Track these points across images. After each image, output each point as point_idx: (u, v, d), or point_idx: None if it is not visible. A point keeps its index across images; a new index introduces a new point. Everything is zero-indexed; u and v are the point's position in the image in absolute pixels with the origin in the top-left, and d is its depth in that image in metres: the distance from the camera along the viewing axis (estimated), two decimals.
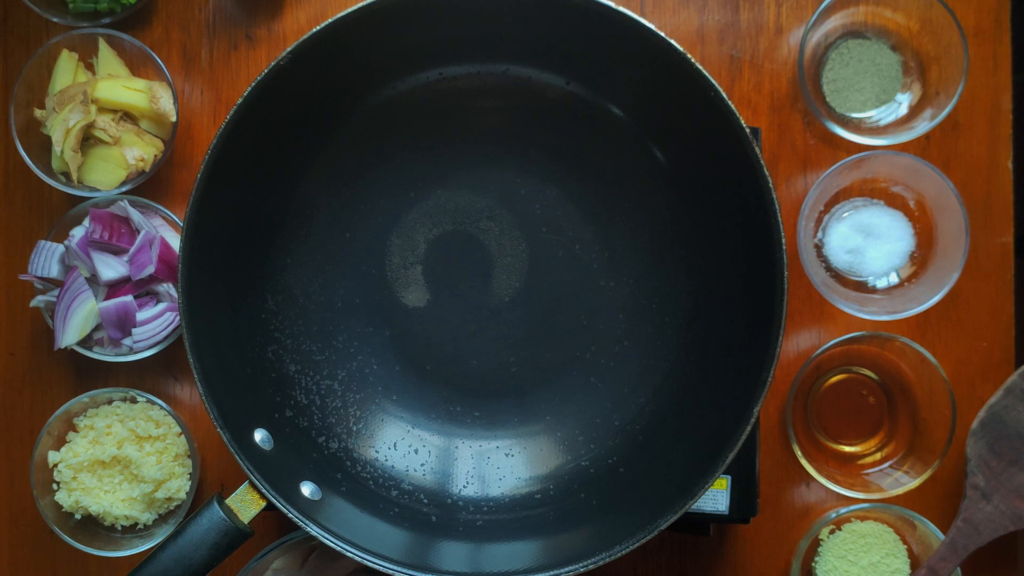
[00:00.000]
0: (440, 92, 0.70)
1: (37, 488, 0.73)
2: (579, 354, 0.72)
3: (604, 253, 0.72)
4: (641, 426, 0.71)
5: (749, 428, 0.60)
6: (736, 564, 0.77)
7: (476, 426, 0.73)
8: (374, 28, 0.62)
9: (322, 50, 0.61)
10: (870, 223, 0.75)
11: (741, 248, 0.65)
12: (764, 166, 0.60)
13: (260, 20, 0.79)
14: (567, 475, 0.71)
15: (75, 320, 0.73)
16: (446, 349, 0.73)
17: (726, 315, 0.67)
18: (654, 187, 0.71)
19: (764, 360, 0.60)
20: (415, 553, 0.65)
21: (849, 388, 0.78)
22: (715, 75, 0.63)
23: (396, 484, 0.71)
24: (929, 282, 0.74)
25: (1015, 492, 0.72)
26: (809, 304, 0.77)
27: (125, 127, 0.76)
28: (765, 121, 0.77)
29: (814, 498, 0.76)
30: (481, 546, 0.67)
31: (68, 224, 0.75)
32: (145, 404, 0.75)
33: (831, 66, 0.77)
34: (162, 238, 0.74)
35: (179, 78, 0.79)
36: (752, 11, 0.77)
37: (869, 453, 0.78)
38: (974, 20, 0.76)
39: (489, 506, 0.70)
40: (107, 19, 0.76)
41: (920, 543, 0.75)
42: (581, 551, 0.61)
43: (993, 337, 0.76)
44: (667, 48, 0.60)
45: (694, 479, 0.60)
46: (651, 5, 0.78)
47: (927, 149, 0.76)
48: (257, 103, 0.61)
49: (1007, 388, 0.73)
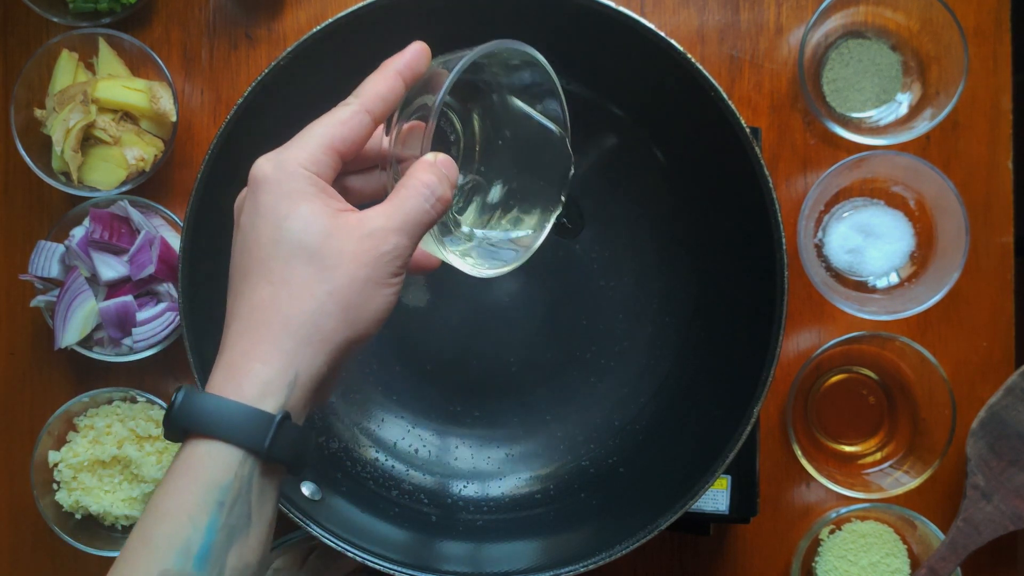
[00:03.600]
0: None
1: (37, 488, 0.73)
2: (579, 354, 0.72)
3: (604, 253, 0.72)
4: (641, 426, 0.71)
5: (749, 428, 0.60)
6: (736, 564, 0.77)
7: (476, 426, 0.73)
8: (374, 28, 0.62)
9: (322, 50, 0.61)
10: (870, 223, 0.75)
11: (741, 248, 0.65)
12: (764, 166, 0.60)
13: (260, 20, 0.79)
14: (567, 475, 0.71)
15: (75, 320, 0.73)
16: (446, 349, 0.73)
17: (726, 315, 0.67)
18: (654, 187, 0.71)
19: (764, 360, 0.60)
20: (415, 553, 0.65)
21: (849, 388, 0.78)
22: (715, 75, 0.62)
23: (396, 484, 0.71)
24: (929, 282, 0.74)
25: (1015, 492, 0.72)
26: (809, 304, 0.77)
27: (125, 127, 0.76)
28: (765, 121, 0.77)
29: (814, 498, 0.76)
30: (481, 546, 0.67)
31: (68, 224, 0.75)
32: (145, 404, 0.75)
33: (831, 66, 0.77)
34: (162, 238, 0.74)
35: (179, 78, 0.79)
36: (752, 11, 0.77)
37: (869, 453, 0.78)
38: (974, 20, 0.76)
39: (489, 506, 0.70)
40: (107, 19, 0.76)
41: (920, 543, 0.75)
42: (581, 551, 0.61)
43: (993, 337, 0.76)
44: (667, 48, 0.60)
45: (694, 479, 0.60)
46: (651, 5, 0.78)
47: (927, 149, 0.76)
48: (257, 103, 0.61)
49: (1007, 388, 0.73)
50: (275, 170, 0.44)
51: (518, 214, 0.52)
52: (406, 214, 0.44)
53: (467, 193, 0.51)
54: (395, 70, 0.46)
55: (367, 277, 0.43)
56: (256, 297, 0.43)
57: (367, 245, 0.43)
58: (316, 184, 0.44)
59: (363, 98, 0.46)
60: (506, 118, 0.51)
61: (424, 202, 0.44)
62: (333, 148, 0.44)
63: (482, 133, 0.51)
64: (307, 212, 0.43)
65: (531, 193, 0.51)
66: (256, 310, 0.43)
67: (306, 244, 0.43)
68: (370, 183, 0.50)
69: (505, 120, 0.51)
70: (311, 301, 0.43)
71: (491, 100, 0.51)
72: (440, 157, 0.45)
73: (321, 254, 0.43)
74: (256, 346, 0.43)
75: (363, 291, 0.43)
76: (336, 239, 0.43)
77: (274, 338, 0.42)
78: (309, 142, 0.44)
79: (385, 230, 0.43)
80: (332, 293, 0.43)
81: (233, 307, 0.44)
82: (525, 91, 0.50)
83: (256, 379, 0.42)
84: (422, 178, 0.44)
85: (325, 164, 0.44)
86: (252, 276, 0.44)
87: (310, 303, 0.43)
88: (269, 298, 0.43)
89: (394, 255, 0.44)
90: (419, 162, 0.45)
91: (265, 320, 0.43)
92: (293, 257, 0.43)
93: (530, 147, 0.51)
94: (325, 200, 0.44)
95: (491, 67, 0.49)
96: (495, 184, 0.52)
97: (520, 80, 0.50)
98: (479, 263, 0.49)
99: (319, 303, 0.43)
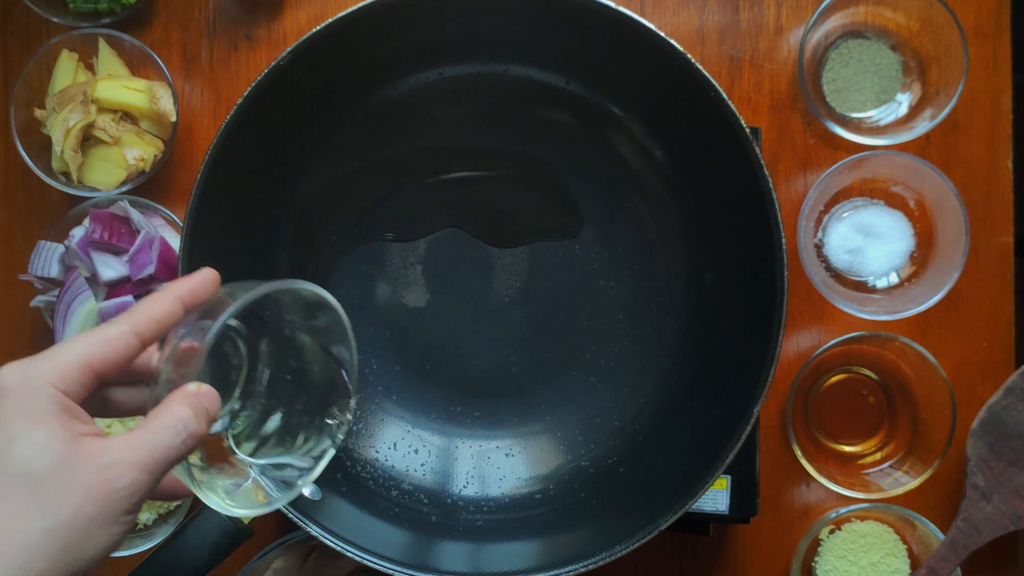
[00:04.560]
0: (441, 92, 0.70)
1: None
2: (579, 354, 0.72)
3: (604, 253, 0.72)
4: (641, 426, 0.71)
5: (749, 428, 0.60)
6: (736, 564, 0.77)
7: (476, 426, 0.73)
8: (374, 28, 0.62)
9: (322, 50, 0.61)
10: (870, 223, 0.75)
11: (741, 248, 0.65)
12: (764, 166, 0.60)
13: (260, 20, 0.79)
14: (567, 475, 0.71)
15: (75, 320, 0.73)
16: (446, 349, 0.73)
17: (726, 315, 0.67)
18: (654, 187, 0.71)
19: (764, 360, 0.60)
20: (415, 553, 0.65)
21: (849, 388, 0.78)
22: (715, 75, 0.62)
23: (396, 484, 0.71)
24: (929, 282, 0.74)
25: (1015, 492, 0.72)
26: (809, 304, 0.77)
27: (125, 127, 0.76)
28: (765, 121, 0.77)
29: (814, 498, 0.76)
30: (481, 546, 0.67)
31: (68, 224, 0.75)
32: None
33: (831, 66, 0.77)
34: (162, 238, 0.74)
35: (179, 78, 0.79)
36: (752, 11, 0.77)
37: (869, 453, 0.78)
38: (974, 20, 0.76)
39: (489, 506, 0.70)
40: (107, 19, 0.76)
41: (920, 543, 0.75)
42: (581, 551, 0.61)
43: (993, 337, 0.76)
44: (667, 48, 0.60)
45: (694, 479, 0.60)
46: (651, 5, 0.78)
47: (927, 149, 0.76)
48: (257, 103, 0.61)
49: (1007, 388, 0.73)
50: (19, 383, 0.40)
51: (291, 447, 0.51)
52: (152, 448, 0.40)
53: (245, 420, 0.50)
54: (176, 295, 0.44)
55: (93, 515, 0.39)
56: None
57: (101, 478, 0.39)
58: (61, 404, 0.40)
59: (135, 320, 0.43)
60: (293, 351, 0.50)
61: (175, 437, 0.41)
62: (91, 367, 0.41)
63: (267, 361, 0.50)
64: (41, 436, 0.39)
65: (310, 428, 0.51)
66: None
67: (32, 471, 0.39)
68: (135, 397, 0.47)
69: (292, 353, 0.50)
70: (23, 537, 0.38)
71: (281, 332, 0.50)
72: (203, 388, 0.43)
73: (45, 484, 0.39)
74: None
75: (87, 530, 0.39)
76: (67, 469, 0.39)
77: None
78: (64, 356, 0.41)
79: (125, 463, 0.40)
80: (49, 531, 0.38)
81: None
82: (317, 331, 0.49)
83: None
84: (176, 411, 0.41)
85: (78, 382, 0.41)
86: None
87: (21, 539, 0.38)
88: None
89: (129, 491, 0.40)
90: (178, 391, 0.42)
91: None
92: (14, 484, 0.39)
93: (315, 384, 0.51)
94: (65, 422, 0.40)
95: (284, 302, 0.48)
96: (275, 413, 0.51)
97: (313, 319, 0.49)
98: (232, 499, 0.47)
99: (33, 540, 0.38)
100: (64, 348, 0.41)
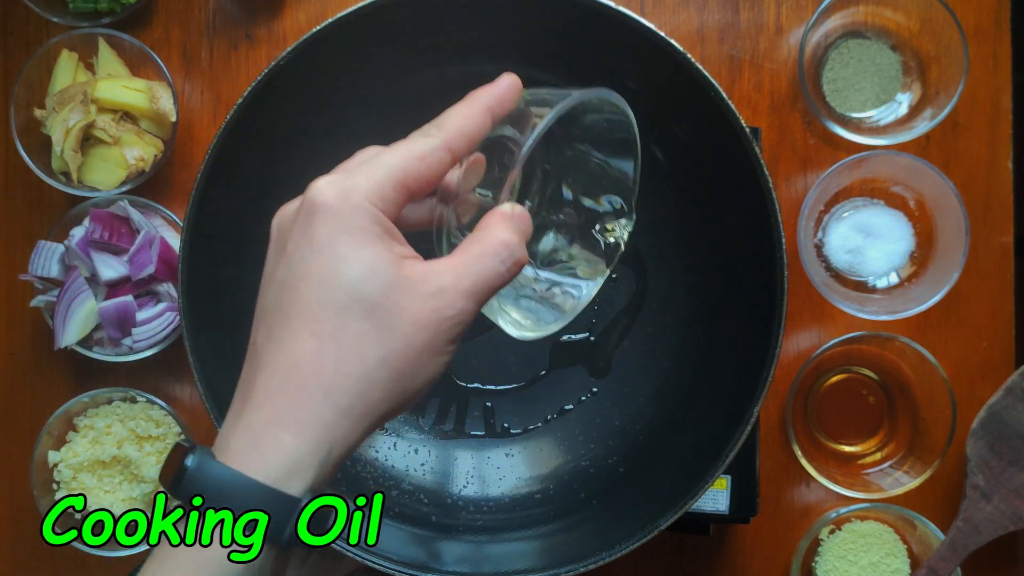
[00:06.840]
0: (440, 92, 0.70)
1: (37, 488, 0.73)
2: (579, 354, 0.72)
3: None
4: (641, 426, 0.71)
5: (749, 428, 0.59)
6: (736, 564, 0.77)
7: (476, 426, 0.73)
8: (374, 28, 0.62)
9: (322, 50, 0.61)
10: (870, 223, 0.75)
11: (741, 248, 0.65)
12: (764, 166, 0.60)
13: (260, 20, 0.79)
14: (567, 475, 0.71)
15: (75, 320, 0.73)
16: None
17: (726, 315, 0.67)
18: (654, 187, 0.71)
19: (764, 360, 0.60)
20: (415, 553, 0.65)
21: (849, 388, 0.78)
22: (715, 75, 0.62)
23: (396, 484, 0.71)
24: (929, 282, 0.74)
25: (1015, 492, 0.72)
26: (809, 304, 0.77)
27: (125, 127, 0.76)
28: (765, 121, 0.77)
29: (814, 498, 0.76)
30: (481, 546, 0.67)
31: (68, 224, 0.75)
32: (145, 404, 0.75)
33: (831, 66, 0.77)
34: (162, 238, 0.74)
35: (179, 78, 0.79)
36: (752, 11, 0.77)
37: (869, 453, 0.77)
38: (974, 20, 0.76)
39: (489, 506, 0.70)
40: (107, 19, 0.76)
41: (920, 543, 0.75)
42: (581, 551, 0.61)
43: (993, 337, 0.76)
44: (667, 48, 0.60)
45: (694, 479, 0.60)
46: (651, 5, 0.78)
47: (927, 149, 0.76)
48: (257, 103, 0.61)
49: (1007, 388, 0.73)
50: (339, 199, 0.38)
51: (566, 266, 0.48)
52: (477, 275, 0.38)
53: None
54: (485, 105, 0.41)
55: (423, 344, 0.37)
56: (296, 351, 0.37)
57: (431, 306, 0.37)
58: (382, 223, 0.38)
59: (447, 134, 0.40)
60: (573, 165, 0.47)
61: (500, 264, 0.39)
62: (405, 185, 0.39)
63: (544, 175, 0.47)
64: (371, 257, 0.37)
65: (585, 245, 0.47)
66: (295, 368, 0.37)
67: (365, 296, 0.37)
68: (417, 212, 0.44)
69: (571, 167, 0.47)
70: (360, 364, 0.37)
71: (561, 144, 0.47)
72: (517, 210, 0.40)
73: (381, 311, 0.37)
74: (288, 412, 0.37)
75: (418, 359, 0.38)
76: (399, 294, 0.37)
77: (312, 406, 0.37)
78: (379, 172, 0.39)
79: (452, 291, 0.38)
80: (384, 360, 0.37)
81: (263, 354, 0.38)
82: (601, 141, 0.46)
83: (284, 454, 0.36)
84: (500, 235, 0.39)
85: (392, 201, 0.39)
86: (294, 322, 0.37)
87: (359, 368, 0.37)
88: (313, 355, 0.37)
89: (456, 320, 0.38)
90: (495, 213, 0.39)
91: (303, 383, 0.37)
92: (348, 309, 0.37)
93: (591, 203, 0.47)
94: (390, 244, 0.38)
95: (572, 114, 0.44)
96: (548, 232, 0.48)
97: (599, 129, 0.45)
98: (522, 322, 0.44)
99: (369, 369, 0.37)
100: (377, 163, 0.39)
